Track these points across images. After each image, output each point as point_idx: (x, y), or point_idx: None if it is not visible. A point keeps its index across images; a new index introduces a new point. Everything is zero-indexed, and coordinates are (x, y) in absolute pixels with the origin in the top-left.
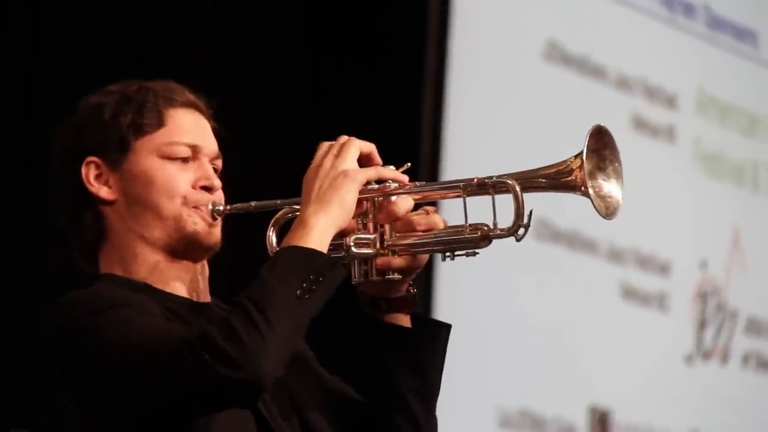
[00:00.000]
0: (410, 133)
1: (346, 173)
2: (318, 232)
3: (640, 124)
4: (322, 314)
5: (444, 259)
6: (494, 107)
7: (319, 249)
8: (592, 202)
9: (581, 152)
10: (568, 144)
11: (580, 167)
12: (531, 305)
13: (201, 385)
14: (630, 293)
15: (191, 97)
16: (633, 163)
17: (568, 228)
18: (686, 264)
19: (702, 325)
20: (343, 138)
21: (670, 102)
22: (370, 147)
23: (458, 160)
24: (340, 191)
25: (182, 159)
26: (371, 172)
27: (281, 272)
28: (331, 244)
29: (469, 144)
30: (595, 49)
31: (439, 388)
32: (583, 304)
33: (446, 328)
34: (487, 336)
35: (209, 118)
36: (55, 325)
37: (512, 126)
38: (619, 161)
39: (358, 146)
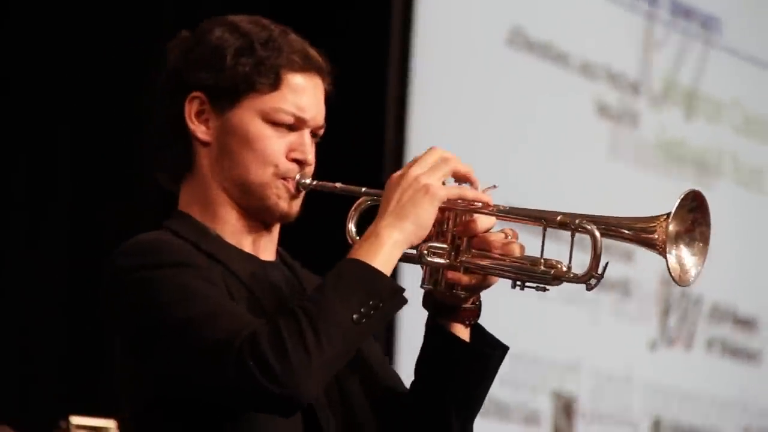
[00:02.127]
0: (375, 119)
1: (428, 189)
2: (388, 249)
3: (604, 110)
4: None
5: (514, 287)
6: (458, 93)
7: (386, 268)
8: (668, 266)
9: (670, 213)
10: (530, 130)
11: (665, 229)
12: None
13: (238, 390)
14: None
15: (314, 59)
16: (596, 148)
17: None
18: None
19: (666, 311)
20: (438, 152)
21: (634, 88)
22: (466, 169)
23: (423, 147)
24: (418, 208)
25: (285, 126)
26: (454, 191)
27: (342, 291)
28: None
29: (433, 129)
30: (558, 36)
31: (481, 406)
32: None
33: (502, 348)
34: None
35: (326, 81)
36: (115, 268)
37: (477, 112)
38: (707, 230)
39: (452, 167)
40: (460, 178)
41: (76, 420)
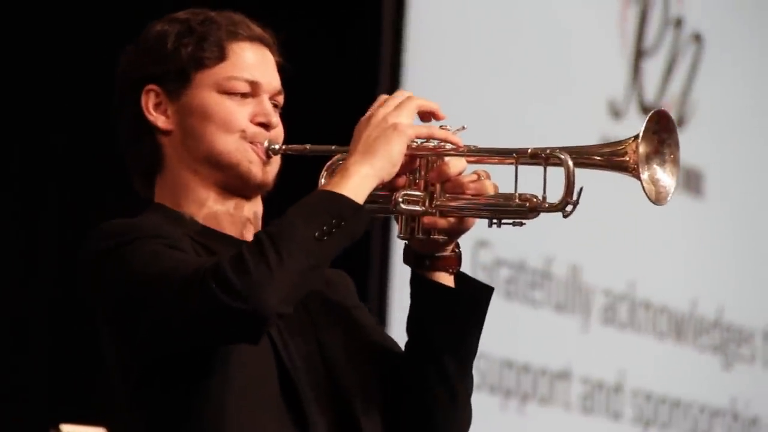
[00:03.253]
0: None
1: (396, 126)
2: (356, 181)
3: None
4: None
5: (491, 225)
6: (452, 94)
7: (353, 196)
8: (643, 186)
9: (638, 135)
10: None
11: (635, 150)
12: None
13: (203, 313)
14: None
15: (257, 30)
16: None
17: None
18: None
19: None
20: (404, 93)
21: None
22: (432, 106)
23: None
24: (387, 144)
25: (241, 94)
26: (423, 130)
27: (304, 212)
28: (380, 197)
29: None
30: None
31: (476, 350)
32: None
33: (488, 290)
34: None
35: (275, 53)
36: (88, 250)
37: (470, 112)
38: (677, 150)
39: (416, 103)
40: (427, 116)
41: (66, 428)
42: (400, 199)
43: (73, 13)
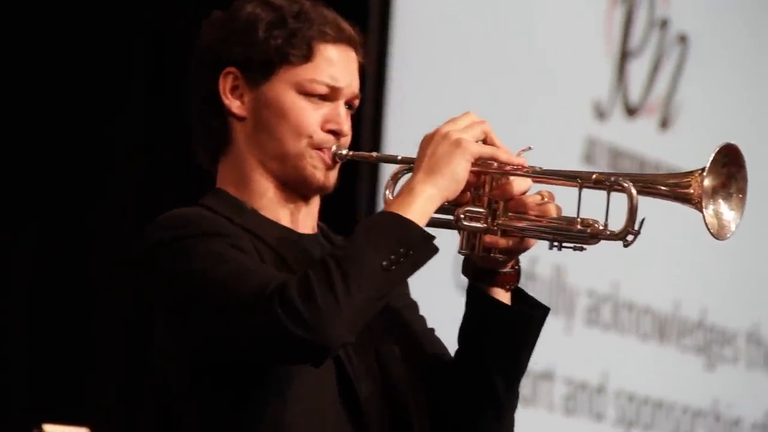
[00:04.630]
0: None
1: (459, 143)
2: (421, 203)
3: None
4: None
5: (551, 248)
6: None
7: (418, 220)
8: (705, 221)
9: (704, 168)
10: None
11: (700, 184)
12: None
13: (268, 338)
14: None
15: (346, 31)
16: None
17: None
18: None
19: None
20: (472, 116)
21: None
22: (498, 139)
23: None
24: (451, 162)
25: (319, 96)
26: (487, 149)
27: (373, 237)
28: (442, 211)
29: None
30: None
31: (525, 368)
32: None
33: (544, 309)
34: None
35: (359, 53)
36: (149, 242)
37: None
38: (744, 186)
39: (485, 129)
40: (493, 144)
41: (49, 428)
42: (462, 216)
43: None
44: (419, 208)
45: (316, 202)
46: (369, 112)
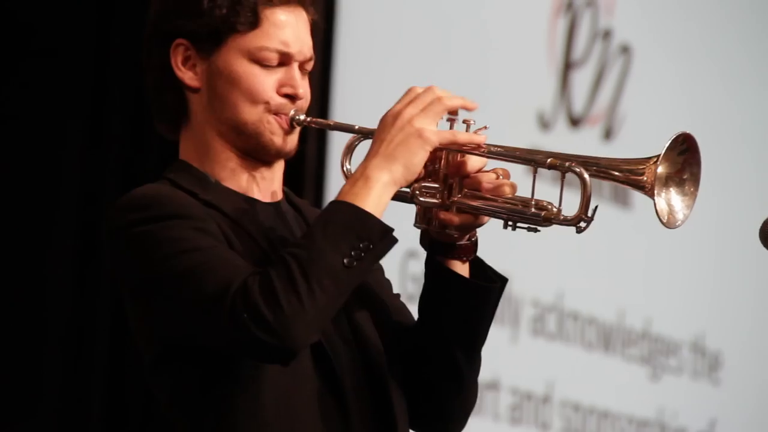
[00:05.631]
0: None
1: (420, 133)
2: (377, 191)
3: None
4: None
5: (506, 227)
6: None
7: (376, 210)
8: (655, 206)
9: (659, 156)
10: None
11: (653, 170)
12: None
13: (234, 341)
14: None
15: None
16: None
17: None
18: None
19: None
20: (434, 91)
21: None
22: (461, 102)
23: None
24: (409, 151)
25: (272, 63)
26: (446, 136)
27: (332, 233)
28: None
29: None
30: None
31: (485, 339)
32: None
33: (503, 280)
34: None
35: (309, 11)
36: (114, 224)
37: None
38: (697, 180)
39: (445, 106)
40: (455, 113)
41: None
42: (418, 191)
43: None
44: (376, 197)
45: (279, 167)
46: (317, 83)
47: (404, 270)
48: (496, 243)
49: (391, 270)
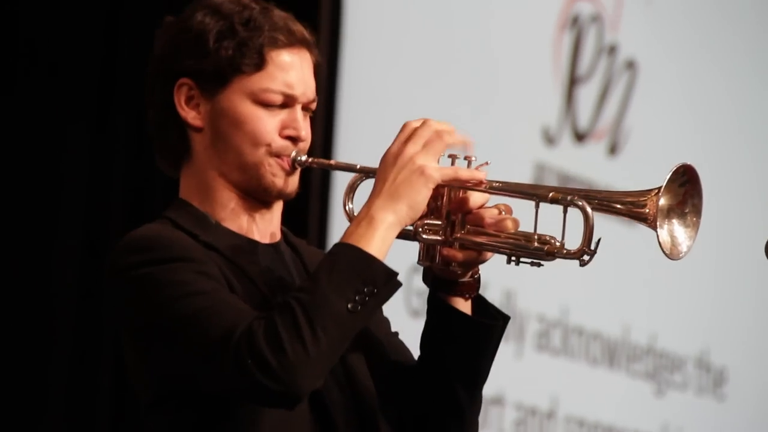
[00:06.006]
0: None
1: (423, 171)
2: (381, 232)
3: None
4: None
5: (509, 262)
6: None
7: (380, 252)
8: (658, 239)
9: (660, 188)
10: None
11: (655, 202)
12: None
13: (239, 387)
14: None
15: (298, 33)
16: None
17: None
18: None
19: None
20: (431, 126)
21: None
22: (461, 139)
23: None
24: (412, 190)
25: (275, 105)
26: (449, 173)
27: (337, 279)
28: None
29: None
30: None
31: (487, 375)
32: None
33: (504, 318)
34: None
35: (313, 53)
36: (115, 266)
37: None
38: (699, 211)
39: (445, 143)
40: (457, 149)
41: None
42: (421, 229)
43: None
44: (380, 239)
45: (278, 208)
46: (320, 120)
47: (409, 285)
48: (500, 258)
49: (398, 307)
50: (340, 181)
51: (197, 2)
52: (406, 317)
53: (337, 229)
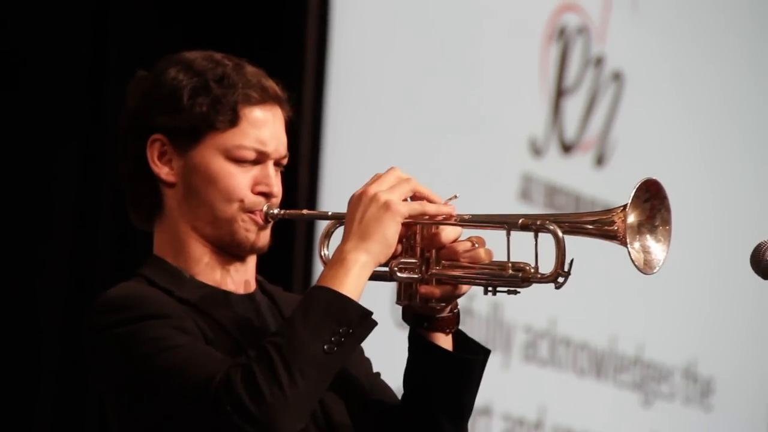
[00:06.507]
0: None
1: (388, 205)
2: (355, 273)
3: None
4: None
5: (486, 293)
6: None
7: (355, 292)
8: (630, 256)
9: (626, 205)
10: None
11: (623, 219)
12: None
13: None
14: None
15: (270, 89)
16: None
17: None
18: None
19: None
20: (398, 172)
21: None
22: (426, 190)
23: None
24: (381, 225)
25: (248, 161)
26: (415, 207)
27: (312, 321)
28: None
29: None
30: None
31: (471, 410)
32: None
33: (485, 352)
34: None
35: (285, 108)
36: (94, 325)
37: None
38: (668, 223)
39: (411, 186)
40: (421, 198)
41: None
42: (396, 268)
43: None
44: (354, 279)
45: (252, 260)
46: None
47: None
48: None
49: (382, 294)
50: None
51: (170, 58)
52: (393, 328)
53: None
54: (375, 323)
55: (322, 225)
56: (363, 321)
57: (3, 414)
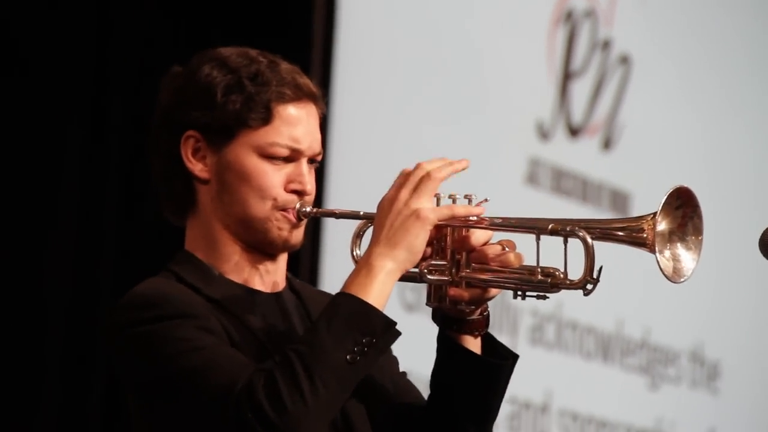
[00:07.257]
0: None
1: (418, 214)
2: (381, 281)
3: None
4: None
5: (515, 297)
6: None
7: (379, 301)
8: (658, 264)
9: (656, 212)
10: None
11: (653, 228)
12: None
13: None
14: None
15: (305, 86)
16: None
17: None
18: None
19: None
20: (424, 168)
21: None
22: (447, 172)
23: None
24: (409, 234)
25: (281, 158)
26: (444, 212)
27: (336, 330)
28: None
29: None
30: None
31: (496, 414)
32: None
33: (513, 357)
34: None
35: (319, 105)
36: (118, 322)
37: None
38: (700, 231)
39: (438, 180)
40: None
41: None
42: (426, 270)
43: None
44: (379, 287)
45: (283, 259)
46: None
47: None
48: None
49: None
50: (330, 229)
51: (204, 54)
52: (400, 311)
53: (329, 278)
54: (399, 333)
55: (330, 221)
56: (387, 331)
57: (7, 413)
